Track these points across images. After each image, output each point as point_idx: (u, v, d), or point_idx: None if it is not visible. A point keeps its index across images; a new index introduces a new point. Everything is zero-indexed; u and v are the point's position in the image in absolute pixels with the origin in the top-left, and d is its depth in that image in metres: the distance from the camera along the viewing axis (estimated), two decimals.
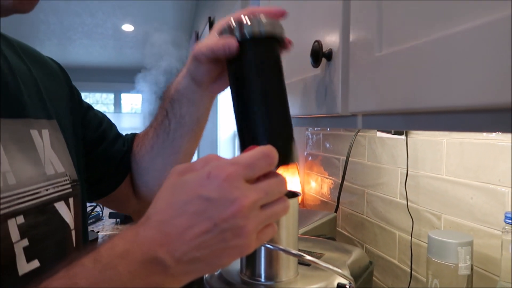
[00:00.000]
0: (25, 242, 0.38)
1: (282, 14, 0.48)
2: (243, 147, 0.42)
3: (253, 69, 0.43)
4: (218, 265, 0.33)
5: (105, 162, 0.61)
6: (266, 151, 0.36)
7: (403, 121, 0.42)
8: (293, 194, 0.50)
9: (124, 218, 1.50)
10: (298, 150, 0.44)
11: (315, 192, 1.38)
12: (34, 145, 0.44)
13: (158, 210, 0.34)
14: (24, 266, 0.38)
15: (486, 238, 0.67)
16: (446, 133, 0.76)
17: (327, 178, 1.29)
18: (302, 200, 1.44)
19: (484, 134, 0.67)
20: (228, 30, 0.43)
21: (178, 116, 0.56)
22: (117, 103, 6.80)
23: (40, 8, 4.32)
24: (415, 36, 0.36)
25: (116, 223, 1.48)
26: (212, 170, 0.33)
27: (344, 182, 1.12)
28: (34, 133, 0.44)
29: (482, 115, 0.31)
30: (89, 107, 0.62)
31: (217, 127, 3.25)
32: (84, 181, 0.54)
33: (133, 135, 0.67)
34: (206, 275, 0.51)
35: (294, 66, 0.64)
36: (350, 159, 1.08)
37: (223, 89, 0.55)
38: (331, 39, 0.52)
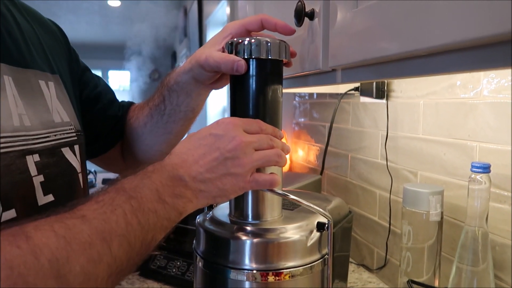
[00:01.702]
0: (41, 178, 0.43)
1: (292, 33, 0.53)
2: None
3: (254, 86, 0.48)
4: (222, 189, 0.43)
5: (99, 124, 0.64)
6: (257, 121, 0.46)
7: (379, 70, 0.46)
8: None
9: None
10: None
11: (302, 160, 1.43)
12: (43, 94, 0.47)
13: (178, 147, 0.44)
14: (42, 198, 0.42)
15: (456, 190, 0.73)
16: (423, 94, 0.81)
17: (314, 145, 1.34)
18: (290, 167, 1.49)
19: (458, 93, 0.72)
20: (235, 47, 0.47)
21: (174, 104, 0.59)
22: (105, 80, 6.73)
23: None
24: None
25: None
26: (220, 120, 0.45)
27: (330, 148, 1.17)
28: (42, 83, 0.48)
29: (461, 53, 0.33)
30: (86, 68, 0.65)
31: (206, 103, 3.27)
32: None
33: (130, 104, 0.70)
34: (198, 219, 0.55)
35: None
36: (335, 125, 1.13)
37: (223, 87, 0.59)
38: (313, 2, 0.55)
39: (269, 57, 0.47)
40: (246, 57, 0.47)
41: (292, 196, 0.49)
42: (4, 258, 0.27)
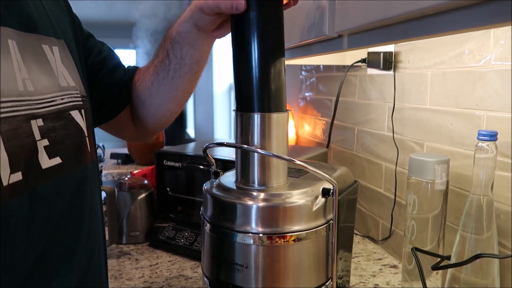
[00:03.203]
0: (46, 142, 0.43)
1: None
2: (239, 96, 0.50)
3: (255, 26, 0.46)
4: None
5: (105, 89, 0.64)
6: None
7: (386, 33, 0.45)
8: (282, 110, 0.54)
9: (125, 158, 1.55)
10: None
11: (308, 135, 1.43)
12: (47, 59, 0.47)
13: None
14: (47, 162, 0.43)
15: (462, 159, 0.73)
16: (431, 64, 0.80)
17: (320, 119, 1.33)
18: (296, 142, 1.50)
19: (465, 61, 0.71)
20: None
21: (179, 57, 0.59)
22: None
23: None
24: None
25: (118, 163, 1.54)
26: None
27: (336, 122, 1.17)
28: (46, 48, 0.47)
29: (467, 10, 0.33)
30: (90, 34, 0.65)
31: (212, 81, 3.25)
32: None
33: (135, 68, 0.70)
34: (205, 186, 0.56)
35: None
36: (341, 99, 1.12)
37: (225, 35, 0.58)
38: None
39: None
40: None
41: (298, 162, 0.50)
42: None
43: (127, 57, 6.93)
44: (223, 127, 3.17)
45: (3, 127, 0.37)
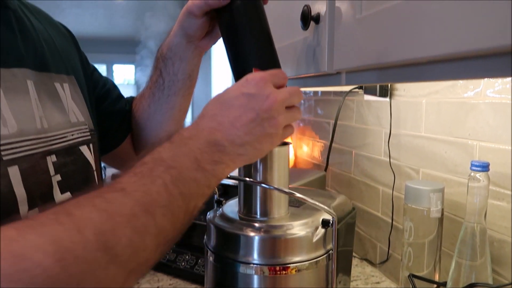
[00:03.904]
0: (58, 177, 0.45)
1: None
2: (237, 74, 0.51)
3: (242, 13, 0.50)
4: (259, 149, 0.43)
5: (109, 119, 0.67)
6: (279, 70, 0.47)
7: (383, 75, 0.48)
8: (284, 143, 0.56)
9: None
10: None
11: (307, 156, 1.45)
12: (59, 96, 0.50)
13: (210, 108, 0.43)
14: (59, 196, 0.44)
15: (456, 187, 0.75)
16: (426, 93, 0.83)
17: (318, 141, 1.36)
18: (295, 163, 1.52)
19: (460, 93, 0.74)
20: None
21: (171, 73, 0.61)
22: (110, 75, 6.75)
23: None
24: (385, 2, 0.42)
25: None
26: (248, 77, 0.45)
27: (334, 145, 1.19)
28: (57, 86, 0.50)
29: (462, 62, 0.35)
30: (95, 68, 0.68)
31: (211, 90, 3.28)
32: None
33: (132, 98, 0.73)
34: (208, 215, 0.58)
35: (286, 31, 0.69)
36: (339, 122, 1.15)
37: (211, 45, 0.61)
38: (318, 4, 0.57)
39: None
40: None
41: (298, 195, 0.52)
42: (49, 234, 0.28)
43: (127, 71, 7.00)
44: None
45: (22, 165, 0.40)
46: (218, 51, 3.00)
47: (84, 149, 0.52)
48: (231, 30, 0.51)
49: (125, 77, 7.06)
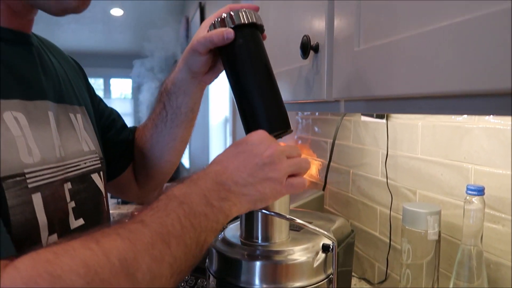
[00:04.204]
0: (73, 204, 0.47)
1: (257, 9, 0.57)
2: (246, 123, 0.54)
3: (245, 50, 0.53)
4: (262, 193, 0.45)
5: (113, 148, 0.69)
6: (295, 147, 0.51)
7: (381, 106, 0.50)
8: None
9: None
10: (289, 118, 0.56)
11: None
12: (73, 126, 0.52)
13: (218, 157, 0.47)
14: (74, 223, 0.47)
15: (453, 209, 0.76)
16: (421, 116, 0.85)
17: (316, 160, 1.37)
18: None
19: (452, 117, 0.76)
20: (220, 23, 0.53)
21: (175, 107, 0.64)
22: (107, 89, 6.78)
23: None
24: (387, 35, 0.44)
25: (118, 203, 1.56)
26: (252, 133, 0.49)
27: (331, 163, 1.21)
28: (72, 116, 0.53)
29: (461, 100, 0.36)
30: (101, 99, 0.70)
31: (208, 114, 3.31)
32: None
33: (135, 127, 0.75)
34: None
35: (286, 57, 0.71)
36: (336, 142, 1.17)
37: (213, 79, 0.63)
38: (318, 34, 0.60)
39: (249, 21, 0.53)
40: (231, 26, 0.53)
41: (298, 221, 0.53)
42: (80, 259, 0.31)
43: (124, 86, 7.03)
44: None
45: (44, 192, 0.42)
46: None
47: (95, 176, 0.54)
48: (234, 67, 0.53)
49: (122, 92, 7.08)
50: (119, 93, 7.06)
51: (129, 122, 0.75)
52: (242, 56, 0.53)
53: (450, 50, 0.34)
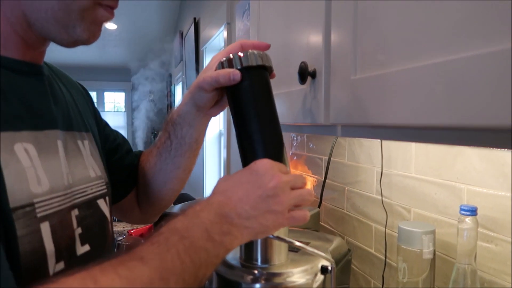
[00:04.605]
0: (80, 230, 0.48)
1: (267, 47, 0.59)
2: (245, 161, 0.54)
3: (250, 92, 0.53)
4: (265, 225, 0.46)
5: (117, 172, 0.70)
6: (301, 175, 0.51)
7: (376, 132, 0.51)
8: None
9: None
10: (287, 153, 0.56)
11: None
12: (80, 153, 0.54)
13: (220, 186, 0.47)
14: (80, 249, 0.47)
15: (447, 228, 0.78)
16: None
17: (310, 176, 1.39)
18: None
19: None
20: (228, 62, 0.53)
21: (179, 137, 0.65)
22: (100, 102, 6.78)
23: None
24: (383, 66, 0.46)
25: (114, 220, 1.55)
26: (257, 161, 0.49)
27: (326, 180, 1.22)
28: (79, 143, 0.54)
29: (459, 131, 0.37)
30: (106, 123, 0.71)
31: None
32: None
33: (140, 152, 0.76)
34: None
35: (285, 80, 0.73)
36: (331, 159, 1.19)
37: (219, 112, 0.65)
38: (315, 60, 0.61)
39: (257, 64, 0.54)
40: (238, 68, 0.53)
41: (297, 243, 0.54)
42: None
43: (117, 99, 7.03)
44: (213, 172, 3.20)
45: (52, 220, 0.43)
46: None
47: (101, 202, 0.55)
48: (237, 107, 0.54)
49: (116, 104, 7.08)
50: (112, 106, 7.06)
51: (122, 134, 0.75)
52: (247, 98, 0.53)
53: (444, 85, 0.36)
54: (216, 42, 2.88)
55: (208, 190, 3.19)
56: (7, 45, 0.46)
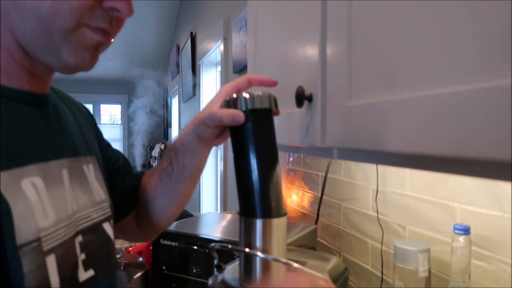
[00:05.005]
0: (83, 256, 0.48)
1: (274, 84, 0.61)
2: (242, 198, 0.55)
3: (253, 134, 0.54)
4: None
5: (118, 193, 0.70)
6: None
7: (372, 157, 0.53)
8: (283, 214, 0.60)
9: None
10: (285, 202, 0.58)
11: (296, 205, 1.49)
12: (86, 178, 0.54)
13: None
14: (83, 274, 0.47)
15: (441, 245, 0.80)
16: None
17: (307, 192, 1.40)
18: None
19: None
20: (233, 102, 0.55)
21: (181, 164, 0.66)
22: (96, 114, 6.78)
23: None
24: (378, 94, 0.48)
25: None
26: None
27: (323, 196, 1.24)
28: (84, 167, 0.54)
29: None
30: (109, 144, 0.72)
31: None
32: None
33: (142, 173, 0.77)
34: (210, 281, 0.61)
35: (282, 102, 0.75)
36: (328, 175, 1.20)
37: (221, 143, 0.66)
38: (312, 85, 0.63)
39: (262, 107, 0.54)
40: (243, 109, 0.54)
41: (295, 265, 0.55)
42: None
43: (113, 111, 7.03)
44: (209, 185, 3.21)
45: (57, 252, 0.43)
46: (207, 99, 3.08)
47: (106, 225, 0.55)
48: (239, 146, 0.55)
49: (112, 117, 7.08)
50: (108, 118, 7.06)
51: (119, 147, 0.76)
52: (249, 140, 0.54)
53: (441, 117, 0.37)
54: (213, 56, 2.92)
55: (204, 204, 3.19)
56: (9, 74, 0.45)
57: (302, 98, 0.63)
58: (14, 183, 0.40)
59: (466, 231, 0.68)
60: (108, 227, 0.56)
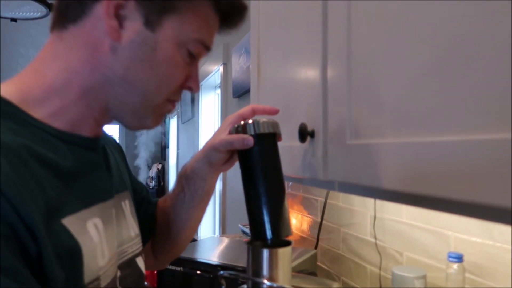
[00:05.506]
0: None
1: (276, 112, 0.67)
2: (251, 221, 0.60)
3: (260, 157, 0.60)
4: None
5: (141, 224, 0.74)
6: None
7: (371, 192, 0.57)
8: (287, 242, 0.64)
9: None
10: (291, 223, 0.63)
11: (295, 229, 1.52)
12: (124, 214, 0.58)
13: None
14: None
15: (437, 272, 0.83)
16: None
17: (306, 216, 1.44)
18: None
19: None
20: (242, 128, 0.61)
21: (192, 190, 0.70)
22: None
23: (20, 42, 4.28)
24: (374, 136, 0.52)
25: None
26: None
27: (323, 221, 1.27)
28: (122, 204, 0.58)
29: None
30: (134, 176, 0.76)
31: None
32: None
33: (156, 201, 0.80)
34: None
35: (286, 136, 0.79)
36: (326, 201, 1.24)
37: (229, 168, 0.70)
38: (314, 121, 0.68)
39: (268, 131, 0.61)
40: (252, 134, 0.60)
41: None
42: None
43: (111, 130, 7.06)
44: (207, 210, 3.22)
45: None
46: (205, 121, 3.14)
47: (139, 260, 0.59)
48: (247, 169, 0.61)
49: (111, 134, 7.09)
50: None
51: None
52: (257, 162, 0.60)
53: (436, 162, 0.42)
54: (212, 79, 2.99)
55: (203, 226, 3.20)
56: (79, 125, 0.50)
57: (305, 134, 0.68)
58: (82, 225, 0.45)
59: (459, 258, 0.72)
60: (140, 262, 0.59)
